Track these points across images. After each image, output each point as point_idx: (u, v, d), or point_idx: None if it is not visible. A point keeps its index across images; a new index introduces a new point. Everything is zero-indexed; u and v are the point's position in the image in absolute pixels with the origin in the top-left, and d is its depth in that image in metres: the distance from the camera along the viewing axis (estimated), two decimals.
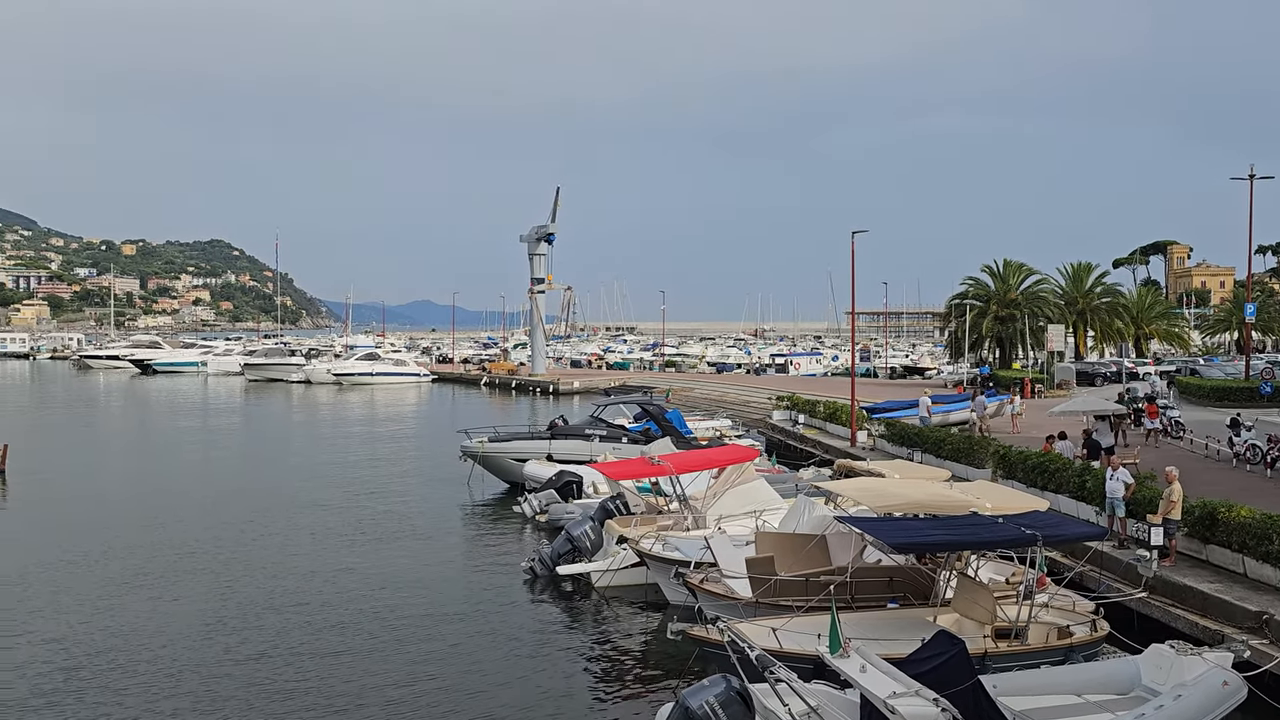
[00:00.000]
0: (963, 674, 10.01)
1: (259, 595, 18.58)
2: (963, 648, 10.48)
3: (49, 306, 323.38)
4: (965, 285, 66.12)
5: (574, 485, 26.16)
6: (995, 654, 12.94)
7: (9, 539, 24.40)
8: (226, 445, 43.68)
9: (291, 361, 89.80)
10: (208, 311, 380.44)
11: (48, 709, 13.22)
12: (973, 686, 9.94)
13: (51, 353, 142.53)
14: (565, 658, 15.58)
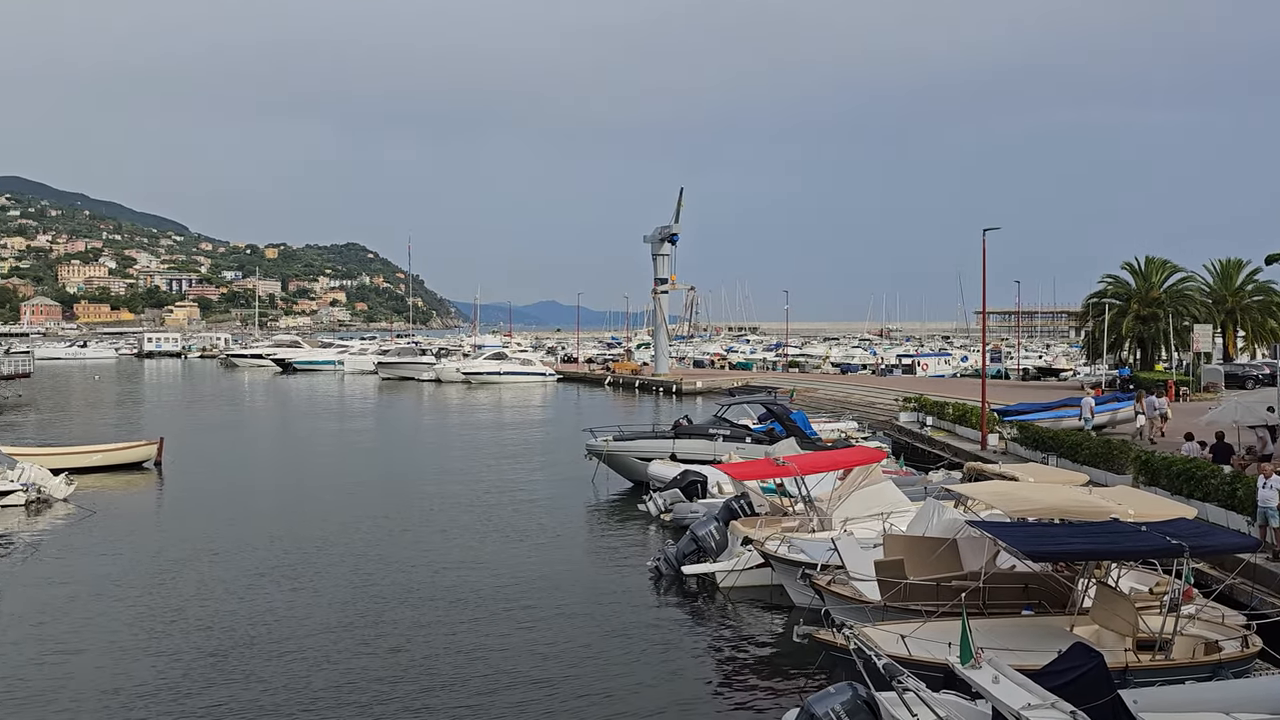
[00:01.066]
0: (1101, 688, 9.66)
1: (394, 590, 19.07)
2: (1101, 660, 10.12)
3: (199, 308, 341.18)
4: (1104, 283, 63.52)
5: (698, 485, 26.20)
6: (1137, 668, 12.42)
7: (166, 529, 25.88)
8: (362, 441, 45.27)
9: (422, 360, 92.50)
10: (344, 312, 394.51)
11: (198, 693, 13.88)
12: (1112, 701, 9.57)
13: (201, 352, 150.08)
14: (690, 658, 15.63)
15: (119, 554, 22.31)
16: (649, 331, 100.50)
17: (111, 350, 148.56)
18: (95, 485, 31.00)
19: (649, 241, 79.81)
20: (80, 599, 18.52)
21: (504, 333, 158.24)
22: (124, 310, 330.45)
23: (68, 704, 13.49)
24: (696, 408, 56.01)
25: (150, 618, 17.25)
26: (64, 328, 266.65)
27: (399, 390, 78.37)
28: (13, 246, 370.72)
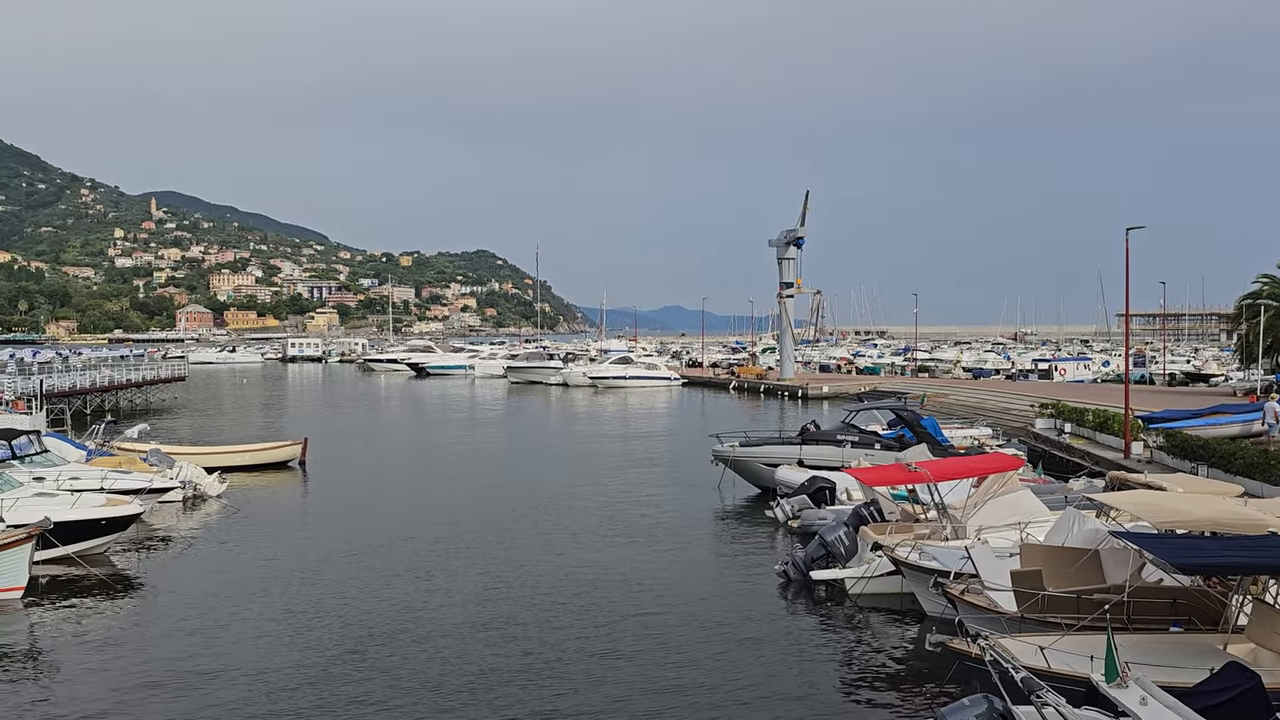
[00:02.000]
0: (1259, 710, 9.20)
1: (524, 593, 19.29)
2: (1259, 682, 9.62)
3: (338, 314, 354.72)
4: (1259, 283, 60.09)
5: (826, 491, 25.93)
6: None
7: (308, 526, 27.06)
8: (492, 444, 46.34)
9: (550, 365, 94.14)
10: (474, 318, 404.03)
11: (337, 688, 14.33)
12: None
13: (340, 357, 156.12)
14: (822, 666, 15.45)
15: (266, 550, 23.39)
16: (774, 336, 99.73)
17: (258, 355, 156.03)
18: (244, 483, 32.62)
19: (774, 246, 79.34)
20: (230, 592, 19.47)
21: (629, 337, 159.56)
22: (269, 317, 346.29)
23: (214, 693, 14.18)
24: (823, 413, 55.39)
25: (293, 613, 17.95)
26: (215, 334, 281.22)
27: (527, 394, 79.93)
28: (169, 257, 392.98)
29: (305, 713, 13.39)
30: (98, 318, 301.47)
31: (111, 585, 20.12)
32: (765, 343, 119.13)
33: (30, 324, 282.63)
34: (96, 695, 14.07)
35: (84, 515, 21.96)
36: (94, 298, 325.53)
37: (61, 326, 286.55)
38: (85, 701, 13.85)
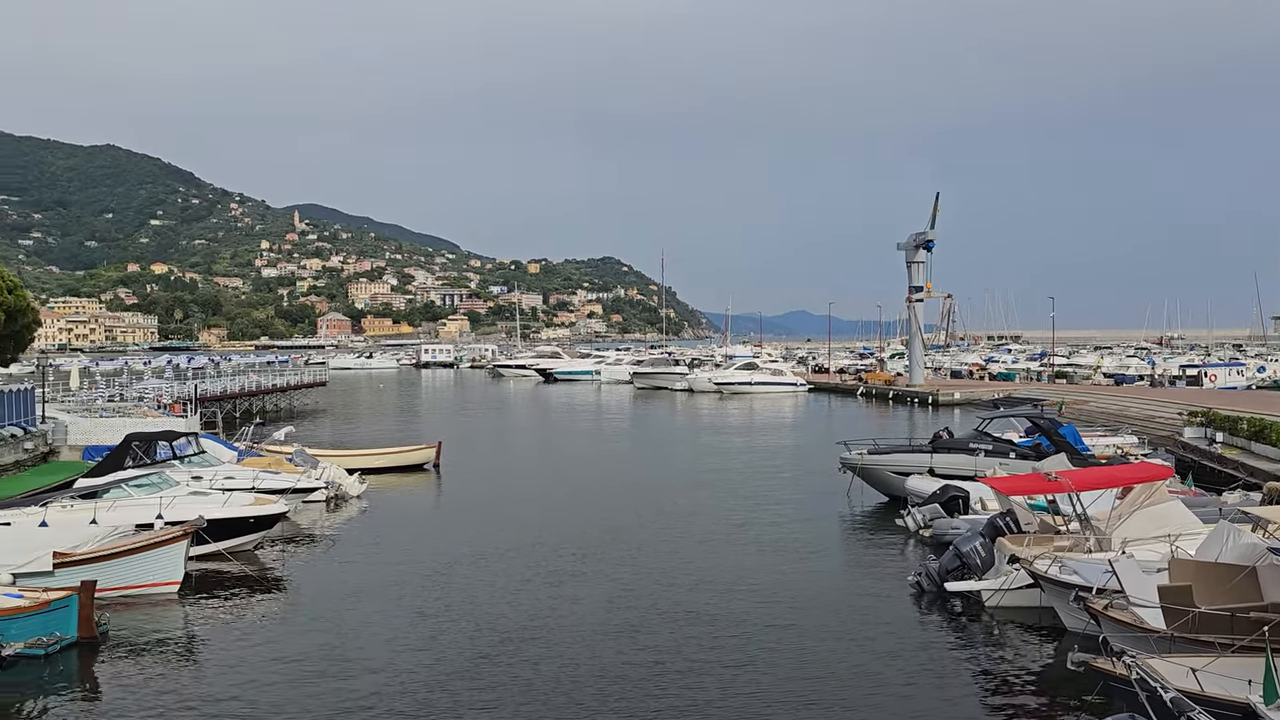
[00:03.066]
0: None
1: (653, 600, 19.23)
2: None
3: (469, 321, 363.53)
4: None
5: (959, 500, 25.25)
6: None
7: (441, 528, 27.79)
8: (619, 449, 46.72)
9: (676, 370, 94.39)
10: (600, 324, 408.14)
11: (466, 691, 14.59)
12: None
13: (471, 362, 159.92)
14: (959, 681, 15.00)
15: (401, 550, 24.10)
16: (903, 341, 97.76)
17: (393, 361, 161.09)
18: (382, 484, 33.72)
19: (903, 249, 77.70)
20: (367, 592, 20.12)
21: (754, 343, 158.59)
22: (404, 324, 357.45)
23: (349, 690, 14.67)
24: (954, 420, 53.97)
25: (426, 614, 18.36)
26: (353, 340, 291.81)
27: (653, 399, 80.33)
28: (311, 267, 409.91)
29: (437, 715, 13.63)
30: (245, 325, 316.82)
31: (258, 581, 21.08)
32: (894, 348, 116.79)
33: (185, 331, 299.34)
34: (242, 685, 14.76)
35: (234, 513, 23.07)
36: (242, 306, 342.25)
37: (213, 334, 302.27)
38: (231, 691, 14.54)
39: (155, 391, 55.53)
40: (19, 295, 37.83)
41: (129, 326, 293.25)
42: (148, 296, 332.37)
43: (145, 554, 19.41)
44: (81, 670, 15.62)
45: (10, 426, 34.35)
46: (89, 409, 45.78)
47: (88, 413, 43.52)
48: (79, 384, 61.18)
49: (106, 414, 43.14)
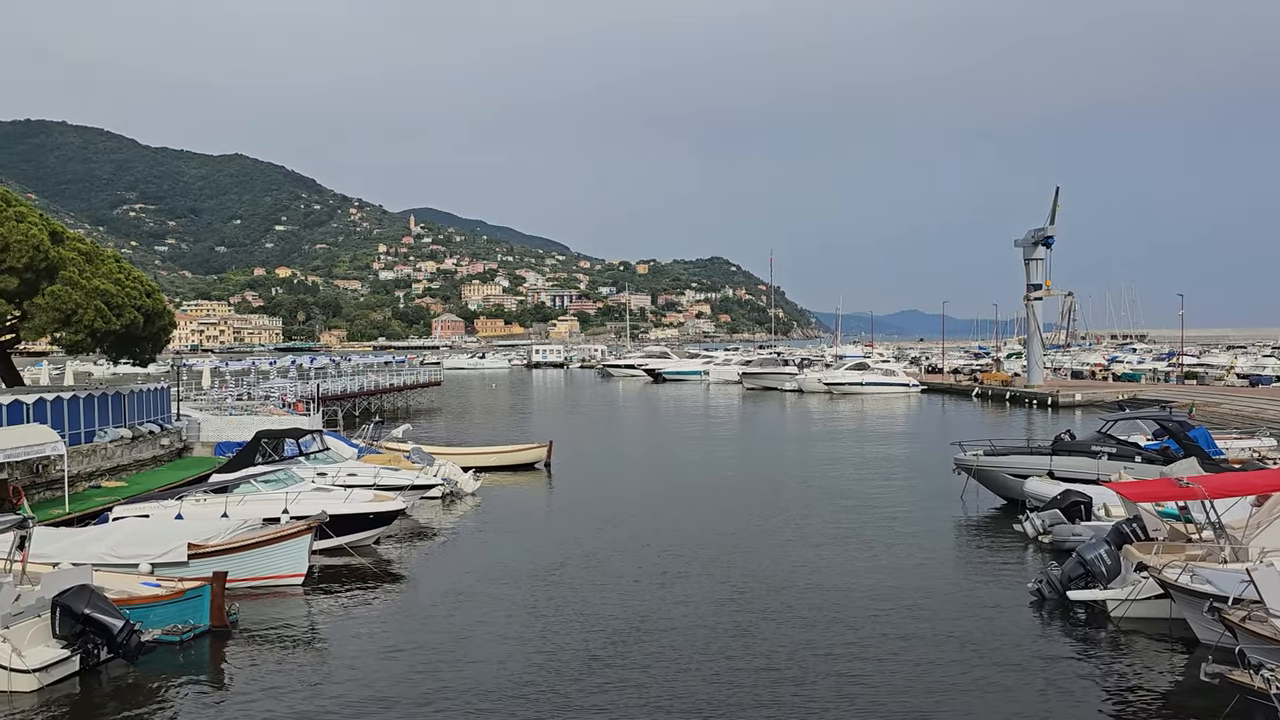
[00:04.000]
0: None
1: (763, 603, 19.01)
2: None
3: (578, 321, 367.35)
4: None
5: (1081, 505, 24.39)
6: None
7: (553, 527, 28.16)
8: (728, 450, 46.56)
9: (785, 371, 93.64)
10: (708, 324, 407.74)
11: (573, 692, 14.71)
12: None
13: (581, 362, 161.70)
14: (1082, 693, 14.41)
15: (514, 548, 24.50)
16: (1020, 340, 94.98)
17: (505, 361, 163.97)
18: (495, 482, 34.37)
19: (1020, 245, 75.44)
20: (481, 588, 20.51)
21: (865, 343, 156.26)
22: (515, 324, 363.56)
23: (462, 685, 14.99)
24: (1075, 422, 52.16)
25: (538, 613, 18.56)
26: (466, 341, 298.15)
27: (762, 400, 79.86)
28: (426, 270, 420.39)
29: (547, 715, 13.74)
30: (364, 327, 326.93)
31: (378, 576, 21.72)
32: (1010, 347, 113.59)
33: (307, 333, 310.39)
34: (361, 677, 15.23)
35: (355, 509, 23.82)
36: (361, 308, 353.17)
37: (333, 335, 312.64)
38: (352, 682, 15.02)
39: (280, 391, 57.76)
40: (156, 299, 39.79)
41: (255, 328, 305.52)
42: (273, 299, 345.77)
43: (272, 547, 20.20)
44: (213, 657, 16.35)
45: (149, 423, 36.16)
46: (219, 407, 47.89)
47: (218, 411, 45.53)
48: (210, 383, 64.04)
49: (235, 412, 45.05)
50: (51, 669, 14.74)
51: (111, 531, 21.25)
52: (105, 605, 15.52)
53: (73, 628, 15.17)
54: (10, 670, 14.37)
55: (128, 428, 34.33)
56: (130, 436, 33.88)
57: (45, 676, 14.61)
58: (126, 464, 33.02)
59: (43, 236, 32.66)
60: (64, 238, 36.31)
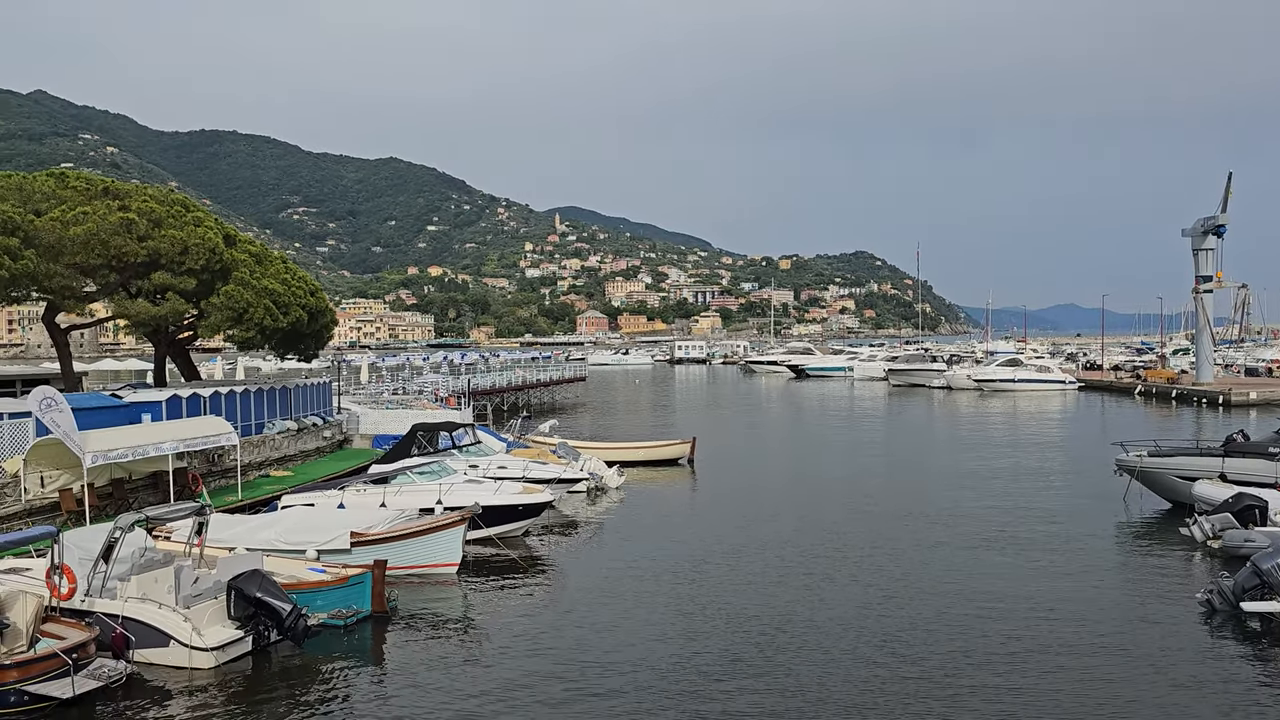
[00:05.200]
0: None
1: (912, 609, 18.55)
2: None
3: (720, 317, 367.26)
4: None
5: (1255, 510, 22.98)
6: None
7: (695, 523, 28.24)
8: (873, 447, 45.72)
9: (932, 367, 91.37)
10: (852, 319, 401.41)
11: (719, 690, 14.76)
12: None
13: (723, 358, 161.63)
14: (1258, 714, 13.58)
15: (658, 544, 24.70)
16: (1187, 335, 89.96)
17: (648, 357, 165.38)
18: (639, 478, 34.72)
19: (1188, 235, 71.39)
20: (625, 583, 20.78)
21: (1018, 338, 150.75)
22: (658, 320, 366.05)
23: (606, 679, 15.22)
24: (1249, 422, 49.09)
25: (681, 610, 18.65)
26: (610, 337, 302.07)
27: (908, 397, 78.10)
28: (570, 267, 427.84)
29: (690, 714, 13.76)
30: (511, 323, 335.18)
31: (527, 567, 22.26)
32: (1177, 343, 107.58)
33: (457, 329, 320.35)
34: (512, 666, 15.66)
35: (505, 501, 24.50)
36: (508, 305, 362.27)
37: (482, 331, 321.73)
38: (501, 670, 15.47)
39: (433, 385, 59.78)
40: (319, 298, 41.80)
41: (409, 325, 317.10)
42: (425, 297, 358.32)
43: (429, 536, 20.98)
44: (375, 642, 17.10)
45: (312, 416, 38.02)
46: (376, 401, 49.93)
47: (375, 405, 47.48)
48: (368, 378, 66.84)
49: (391, 406, 46.88)
50: (227, 648, 15.70)
51: (281, 519, 22.49)
52: (275, 589, 16.43)
53: (246, 610, 16.12)
54: (191, 648, 15.38)
55: (293, 420, 36.19)
56: (296, 429, 35.71)
57: (221, 655, 15.58)
58: (292, 455, 34.81)
59: (217, 240, 34.74)
60: (236, 240, 38.53)
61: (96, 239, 30.90)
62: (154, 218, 33.00)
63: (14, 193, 32.53)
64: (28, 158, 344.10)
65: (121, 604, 15.62)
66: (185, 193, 44.30)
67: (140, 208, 33.02)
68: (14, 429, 25.00)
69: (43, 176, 35.18)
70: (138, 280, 34.15)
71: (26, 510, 23.33)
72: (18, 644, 14.36)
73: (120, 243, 31.34)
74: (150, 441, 24.96)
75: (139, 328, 37.37)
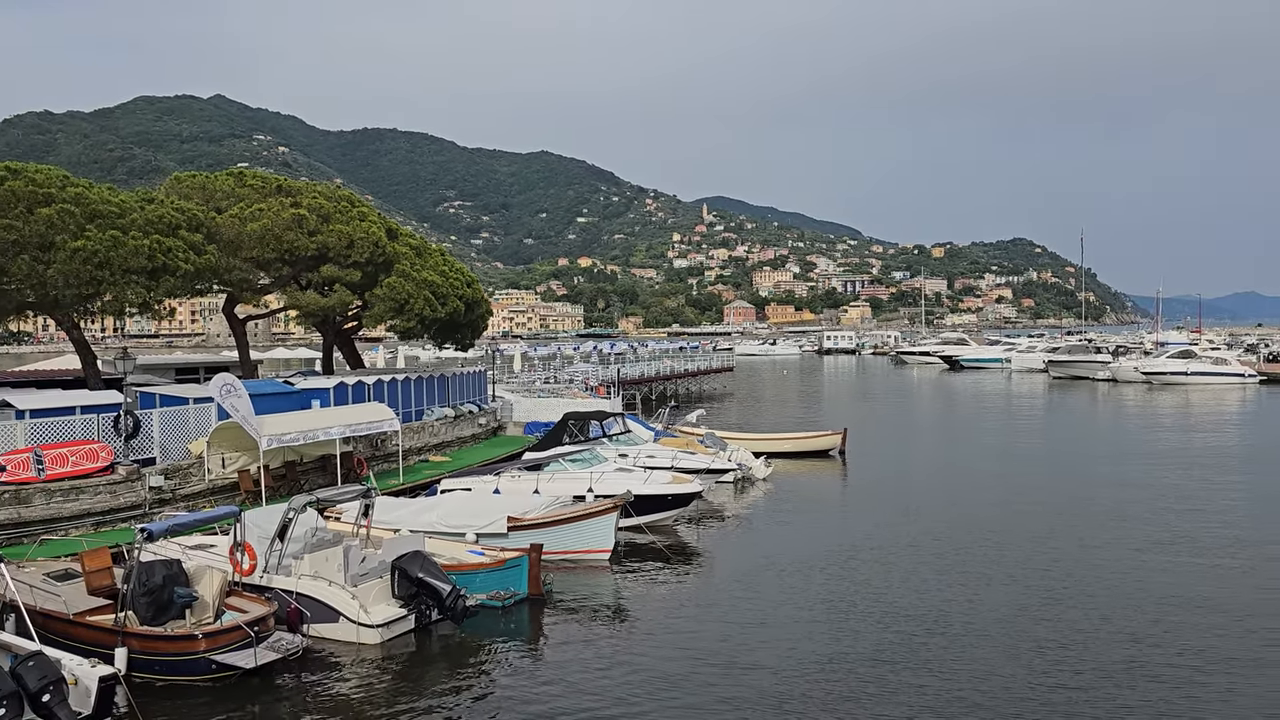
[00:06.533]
0: None
1: (1077, 614, 17.66)
2: None
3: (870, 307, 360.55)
4: None
5: None
6: None
7: (845, 516, 27.87)
8: (1031, 442, 43.99)
9: (1096, 359, 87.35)
10: (1009, 309, 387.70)
11: (869, 689, 14.53)
12: None
13: (873, 349, 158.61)
14: None
15: (807, 537, 24.48)
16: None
17: (795, 348, 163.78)
18: (787, 469, 34.43)
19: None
20: (773, 576, 20.61)
21: (1191, 329, 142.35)
22: (805, 311, 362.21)
23: (754, 669, 15.16)
24: None
25: (831, 605, 18.39)
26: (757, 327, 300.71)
27: (1070, 390, 74.84)
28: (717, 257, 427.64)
29: (840, 711, 13.59)
30: (659, 313, 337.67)
31: (674, 556, 22.40)
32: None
33: (606, 319, 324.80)
34: (660, 653, 15.80)
35: (655, 490, 24.70)
36: (656, 295, 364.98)
37: (630, 322, 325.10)
38: (650, 656, 15.63)
39: (583, 375, 60.80)
40: (475, 289, 43.08)
41: (559, 315, 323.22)
42: (574, 288, 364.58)
43: (583, 523, 21.38)
44: (531, 624, 17.56)
45: (468, 404, 39.22)
46: (528, 390, 51.12)
47: (528, 393, 48.62)
48: (520, 367, 68.52)
49: (543, 395, 47.93)
50: (391, 625, 16.40)
51: (441, 503, 23.33)
52: (436, 570, 17.05)
53: (409, 589, 16.79)
54: (358, 624, 16.13)
55: (450, 407, 37.42)
56: (453, 415, 36.90)
57: (386, 632, 16.29)
58: (449, 441, 36.00)
59: (380, 234, 36.20)
60: (398, 234, 40.07)
61: (271, 234, 32.67)
62: (322, 213, 34.64)
63: (198, 191, 34.74)
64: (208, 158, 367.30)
65: (295, 580, 16.51)
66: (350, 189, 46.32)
67: (310, 204, 34.72)
68: (198, 413, 26.70)
69: (223, 176, 37.42)
70: (308, 273, 35.95)
71: (209, 489, 24.91)
72: (205, 616, 15.38)
73: (292, 237, 33.04)
74: (320, 426, 26.25)
75: (309, 318, 39.32)
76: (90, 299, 28.49)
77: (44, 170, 28.61)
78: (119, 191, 30.78)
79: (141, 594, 14.99)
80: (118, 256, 26.72)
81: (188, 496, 24.30)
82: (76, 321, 31.00)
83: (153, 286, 28.13)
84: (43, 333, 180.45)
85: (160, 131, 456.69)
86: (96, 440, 23.46)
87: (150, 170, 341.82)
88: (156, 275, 27.94)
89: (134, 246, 27.07)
